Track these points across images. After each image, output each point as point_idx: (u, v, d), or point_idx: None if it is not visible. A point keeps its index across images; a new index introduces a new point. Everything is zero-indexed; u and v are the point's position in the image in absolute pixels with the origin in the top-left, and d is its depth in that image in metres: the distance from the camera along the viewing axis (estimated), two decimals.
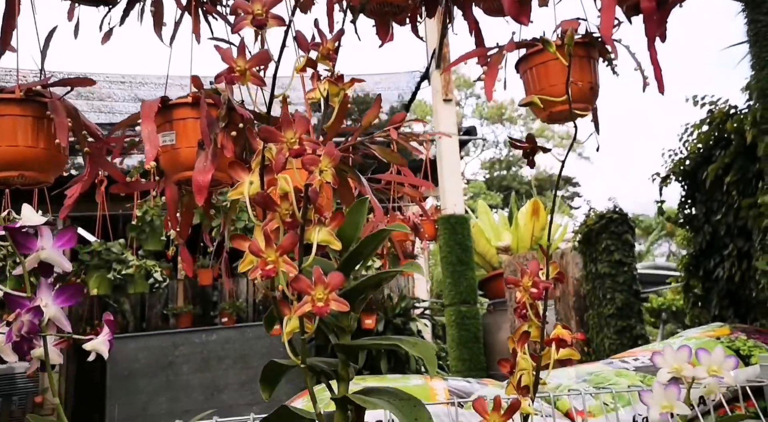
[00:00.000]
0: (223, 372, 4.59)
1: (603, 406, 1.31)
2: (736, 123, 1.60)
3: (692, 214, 1.98)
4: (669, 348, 1.05)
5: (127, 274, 3.22)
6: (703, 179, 1.82)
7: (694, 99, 1.80)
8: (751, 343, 1.41)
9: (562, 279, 0.83)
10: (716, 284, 1.88)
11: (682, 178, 1.97)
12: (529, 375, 0.76)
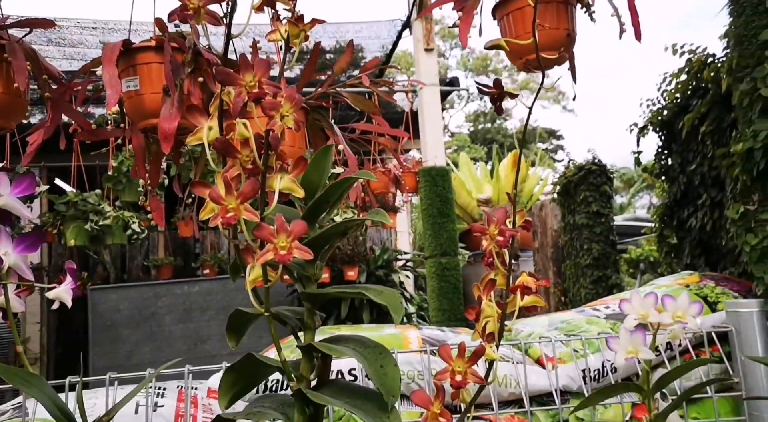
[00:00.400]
0: (206, 323, 4.63)
1: (573, 353, 1.33)
2: (713, 72, 1.59)
3: (668, 164, 1.98)
4: (636, 294, 1.06)
5: (105, 225, 3.19)
6: (679, 129, 1.82)
7: (673, 48, 1.78)
8: (718, 290, 1.44)
9: (528, 228, 0.83)
10: (689, 233, 1.91)
11: (659, 128, 1.97)
12: (494, 322, 0.77)
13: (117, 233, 3.30)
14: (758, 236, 1.34)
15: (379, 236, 6.48)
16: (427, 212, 3.88)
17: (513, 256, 2.62)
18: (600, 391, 1.11)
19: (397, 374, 0.72)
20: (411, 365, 1.29)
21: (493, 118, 22.70)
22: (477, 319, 0.76)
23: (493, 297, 0.77)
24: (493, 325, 0.76)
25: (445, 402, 0.78)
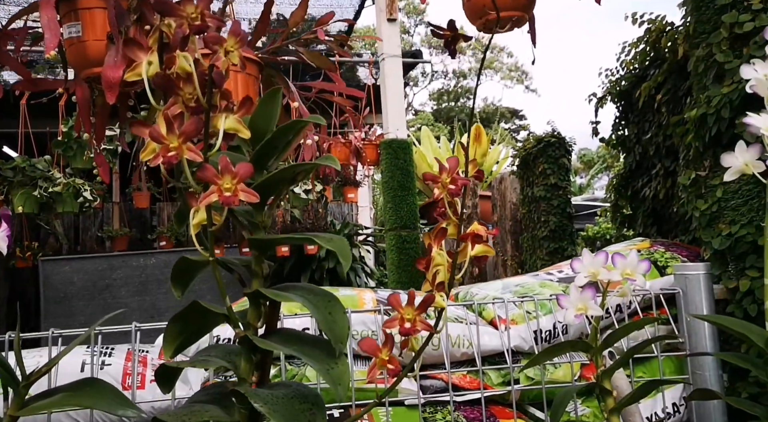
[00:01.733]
0: (163, 296, 4.55)
1: (525, 314, 1.35)
2: (671, 40, 1.60)
3: (625, 135, 2.01)
4: (587, 253, 1.07)
5: (55, 192, 3.07)
6: (636, 99, 1.84)
7: (633, 17, 1.78)
8: (668, 255, 1.47)
9: (480, 177, 0.82)
10: (643, 203, 1.94)
11: (617, 99, 1.99)
12: (444, 271, 0.76)
13: (68, 201, 3.19)
14: (708, 201, 1.37)
15: (340, 210, 6.45)
16: (388, 184, 3.87)
17: None
18: (549, 349, 1.12)
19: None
20: (365, 325, 1.28)
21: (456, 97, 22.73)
22: (427, 268, 0.76)
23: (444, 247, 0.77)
24: (443, 274, 0.76)
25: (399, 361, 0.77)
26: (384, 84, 3.80)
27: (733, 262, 1.32)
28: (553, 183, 2.74)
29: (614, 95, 1.99)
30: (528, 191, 2.90)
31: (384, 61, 3.72)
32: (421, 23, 21.61)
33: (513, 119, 22.78)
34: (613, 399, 1.07)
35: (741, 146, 1.03)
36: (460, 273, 0.78)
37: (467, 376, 1.29)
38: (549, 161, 2.74)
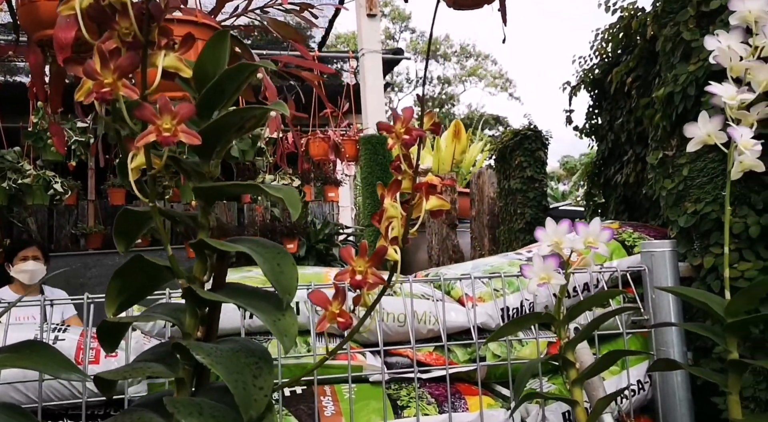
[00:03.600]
0: None
1: (493, 292, 1.33)
2: (641, 24, 1.61)
3: (598, 123, 2.01)
4: (550, 221, 1.06)
5: (24, 184, 3.01)
6: (609, 86, 1.84)
7: (606, 4, 1.79)
8: (636, 235, 1.47)
9: (438, 131, 0.80)
10: (615, 190, 1.94)
11: (591, 87, 1.99)
12: (398, 224, 0.74)
13: (38, 193, 3.12)
14: (674, 180, 1.37)
15: (321, 210, 6.42)
16: (367, 180, 3.86)
17: (451, 225, 2.64)
18: (513, 321, 1.11)
19: (295, 273, 0.69)
20: None
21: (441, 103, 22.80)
22: (380, 221, 0.74)
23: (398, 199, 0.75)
24: (398, 228, 0.74)
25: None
26: (363, 80, 3.79)
27: (698, 239, 1.32)
28: (529, 176, 2.74)
29: (588, 84, 1.99)
30: (505, 184, 2.90)
31: (364, 57, 3.71)
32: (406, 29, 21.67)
33: (497, 126, 22.91)
34: (576, 370, 1.05)
35: (704, 117, 1.02)
36: (414, 227, 0.76)
37: (433, 353, 1.27)
38: (525, 153, 2.74)
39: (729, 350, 0.93)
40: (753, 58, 0.97)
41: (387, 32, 20.36)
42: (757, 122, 1.00)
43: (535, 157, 2.75)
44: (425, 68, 0.79)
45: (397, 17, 21.16)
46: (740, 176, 1.30)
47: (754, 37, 0.98)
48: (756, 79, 0.97)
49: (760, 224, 1.22)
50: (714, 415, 1.25)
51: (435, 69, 22.72)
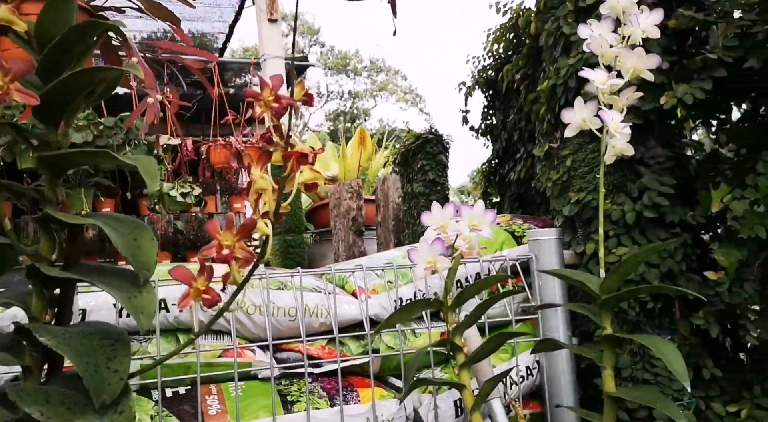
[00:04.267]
0: None
1: (387, 284, 1.32)
2: (527, 23, 1.67)
3: (492, 123, 2.07)
4: (436, 205, 1.06)
5: None
6: (501, 85, 1.89)
7: (497, 6, 1.85)
8: (525, 226, 1.51)
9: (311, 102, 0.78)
10: (509, 188, 2.00)
11: (485, 87, 2.04)
12: (270, 197, 0.71)
13: None
14: (559, 171, 1.41)
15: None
16: None
17: (357, 232, 2.60)
18: (402, 309, 1.09)
19: (153, 248, 0.64)
20: None
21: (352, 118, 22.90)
22: (248, 193, 0.70)
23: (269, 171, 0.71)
24: (269, 201, 0.70)
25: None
26: None
27: (581, 228, 1.37)
28: (431, 179, 2.77)
29: (482, 84, 2.04)
30: (408, 188, 2.92)
31: (265, 63, 3.65)
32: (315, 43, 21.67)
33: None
34: (464, 355, 1.05)
35: (579, 102, 1.06)
36: (287, 201, 0.73)
37: (326, 347, 1.23)
38: (427, 157, 2.77)
39: (603, 326, 0.95)
40: (622, 46, 1.02)
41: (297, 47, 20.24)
42: (626, 107, 1.05)
43: (436, 160, 2.79)
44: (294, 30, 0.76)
45: (306, 31, 21.12)
46: (617, 165, 1.36)
47: (623, 26, 1.03)
48: (624, 66, 1.01)
49: (636, 210, 1.28)
50: (597, 397, 1.30)
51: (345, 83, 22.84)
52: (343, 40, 39.52)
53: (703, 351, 1.31)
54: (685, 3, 1.27)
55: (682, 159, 1.36)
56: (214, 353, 1.15)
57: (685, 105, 1.25)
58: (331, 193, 3.68)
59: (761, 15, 1.16)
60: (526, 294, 1.38)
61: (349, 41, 38.48)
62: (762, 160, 1.18)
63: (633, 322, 1.28)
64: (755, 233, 1.21)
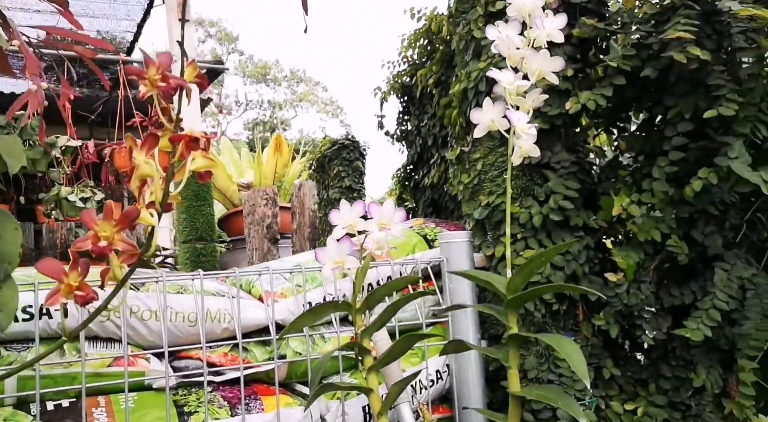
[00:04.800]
0: None
1: (295, 288, 1.27)
2: (439, 28, 1.68)
3: (407, 129, 2.07)
4: (345, 204, 1.03)
5: None
6: (416, 90, 1.90)
7: (411, 11, 1.85)
8: (437, 230, 1.51)
9: (204, 85, 0.73)
10: (423, 194, 2.00)
11: (400, 93, 2.04)
12: (158, 185, 0.65)
13: None
14: (470, 175, 1.42)
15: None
16: (182, 194, 3.62)
17: (272, 240, 2.51)
18: (309, 311, 1.05)
19: (17, 239, 0.57)
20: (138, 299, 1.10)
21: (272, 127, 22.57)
22: (130, 178, 0.64)
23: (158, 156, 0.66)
24: (157, 190, 0.65)
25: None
26: None
27: (491, 230, 1.38)
28: (347, 185, 2.74)
29: (397, 89, 2.04)
30: (323, 194, 2.88)
31: (175, 64, 3.50)
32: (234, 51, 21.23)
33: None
34: (372, 358, 1.03)
35: (488, 103, 1.06)
36: (177, 189, 0.68)
37: (229, 354, 1.17)
38: (344, 163, 2.75)
39: (509, 326, 0.95)
40: (528, 48, 1.03)
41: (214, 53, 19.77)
42: (533, 110, 1.06)
43: (353, 167, 2.77)
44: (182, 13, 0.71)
45: (224, 38, 20.67)
46: (525, 170, 1.39)
47: (529, 29, 1.04)
48: (530, 68, 1.03)
49: (542, 213, 1.30)
50: (505, 400, 1.30)
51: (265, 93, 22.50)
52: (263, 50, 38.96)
53: (604, 352, 1.35)
54: (588, 13, 1.31)
55: (586, 165, 1.40)
56: (103, 362, 1.06)
57: (588, 111, 1.29)
58: (246, 200, 3.57)
59: (656, 27, 1.22)
60: (437, 298, 1.38)
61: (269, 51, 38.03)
62: (657, 166, 1.23)
63: (539, 324, 1.29)
64: (651, 236, 1.26)
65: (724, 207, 1.26)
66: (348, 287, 1.32)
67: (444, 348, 1.01)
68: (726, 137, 1.14)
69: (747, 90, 1.13)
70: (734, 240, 1.28)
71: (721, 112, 1.10)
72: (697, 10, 1.14)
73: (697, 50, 1.11)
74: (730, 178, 1.14)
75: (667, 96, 1.23)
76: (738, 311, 1.21)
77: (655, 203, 1.25)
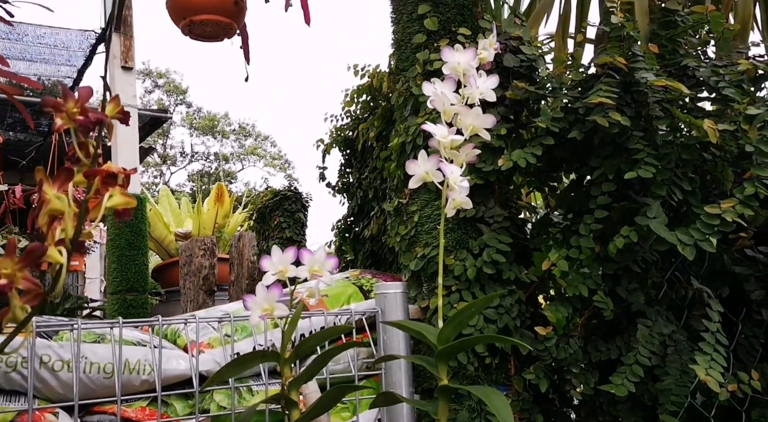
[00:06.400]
0: None
1: (223, 338, 1.23)
2: (381, 82, 1.73)
3: (349, 181, 2.08)
4: (276, 249, 1.01)
5: None
6: (357, 144, 1.93)
7: (354, 68, 1.90)
8: (374, 281, 1.50)
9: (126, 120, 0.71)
10: (363, 245, 2.00)
11: (342, 146, 2.07)
12: (70, 222, 0.63)
13: None
14: (407, 226, 1.43)
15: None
16: (114, 243, 3.50)
17: (208, 292, 2.44)
18: (235, 361, 1.01)
19: None
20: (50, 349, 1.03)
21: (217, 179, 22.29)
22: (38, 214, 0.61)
23: None
24: (69, 226, 0.62)
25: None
26: (114, 136, 3.52)
27: (426, 282, 1.38)
28: (288, 237, 2.72)
29: (339, 143, 2.07)
30: (264, 245, 2.85)
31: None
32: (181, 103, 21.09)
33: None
34: (299, 411, 0.99)
35: (423, 156, 1.08)
36: (92, 227, 0.65)
37: (147, 408, 1.10)
38: (285, 214, 2.73)
39: (440, 377, 0.94)
40: (462, 105, 1.06)
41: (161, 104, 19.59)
42: (466, 164, 1.08)
43: (294, 218, 2.76)
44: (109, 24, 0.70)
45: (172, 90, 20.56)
46: (460, 223, 1.41)
47: (463, 88, 1.08)
48: (464, 124, 1.06)
49: (476, 266, 1.32)
50: None
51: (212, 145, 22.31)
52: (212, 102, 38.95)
53: (535, 407, 1.34)
54: (521, 77, 1.38)
55: (519, 221, 1.43)
56: (4, 417, 0.98)
57: (520, 169, 1.33)
58: (182, 250, 3.48)
59: (582, 93, 1.29)
60: (371, 351, 1.35)
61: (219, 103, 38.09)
62: (583, 223, 1.27)
63: (472, 377, 1.29)
64: (579, 291, 1.29)
65: (645, 265, 1.31)
66: (277, 335, 1.29)
67: (374, 400, 0.99)
68: (645, 198, 1.20)
69: (663, 155, 1.19)
70: (656, 297, 1.33)
71: (640, 174, 1.16)
72: (618, 79, 1.21)
73: (618, 116, 1.17)
74: (650, 237, 1.19)
75: (593, 158, 1.29)
76: (659, 368, 1.24)
77: (583, 259, 1.29)
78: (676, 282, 1.32)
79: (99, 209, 0.64)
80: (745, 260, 1.31)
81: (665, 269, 1.32)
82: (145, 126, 4.63)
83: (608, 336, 1.33)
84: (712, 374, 1.05)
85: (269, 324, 1.27)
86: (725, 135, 1.16)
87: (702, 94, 1.39)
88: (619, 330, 1.32)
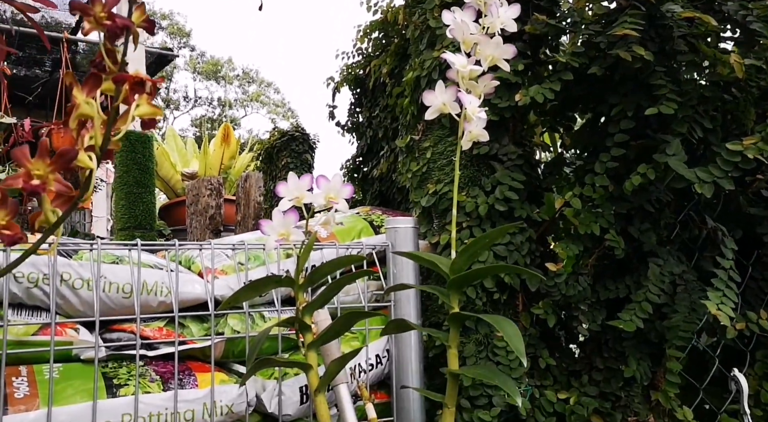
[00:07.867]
0: None
1: (237, 265, 1.25)
2: (395, 19, 1.69)
3: (359, 120, 2.07)
4: (292, 175, 1.01)
5: None
6: (368, 82, 1.90)
7: (367, 2, 1.86)
8: (384, 217, 1.51)
9: (151, 30, 0.71)
10: (372, 185, 2.00)
11: (353, 85, 2.04)
12: (99, 129, 0.63)
13: None
14: (419, 163, 1.43)
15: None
16: (122, 180, 3.51)
17: (215, 231, 2.44)
18: (250, 285, 1.03)
19: None
20: (35, 266, 1.05)
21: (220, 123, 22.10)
22: (69, 116, 0.61)
23: None
24: (98, 133, 0.62)
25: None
26: None
27: (437, 218, 1.39)
28: None
29: (350, 81, 2.04)
30: (271, 186, 2.85)
31: None
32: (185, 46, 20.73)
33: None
34: (312, 334, 1.01)
35: (440, 86, 1.07)
36: (119, 135, 0.65)
37: (164, 328, 1.13)
38: (292, 155, 2.73)
39: (451, 305, 0.96)
40: (482, 35, 1.05)
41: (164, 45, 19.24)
42: (483, 98, 1.07)
43: (302, 159, 2.75)
44: None
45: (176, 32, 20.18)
46: (473, 160, 1.40)
47: (484, 17, 1.06)
48: (483, 54, 1.04)
49: (488, 203, 1.32)
50: (442, 386, 1.31)
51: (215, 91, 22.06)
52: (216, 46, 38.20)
53: (541, 343, 1.37)
54: (540, 10, 1.35)
55: (532, 160, 1.43)
56: (27, 330, 1.01)
57: (536, 106, 1.32)
58: (189, 189, 3.49)
59: (604, 27, 1.26)
60: (380, 283, 1.37)
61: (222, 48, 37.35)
62: (599, 161, 1.27)
63: (480, 311, 1.31)
64: (591, 229, 1.29)
65: (659, 206, 1.32)
66: (291, 268, 1.31)
67: (385, 327, 1.01)
68: (665, 136, 1.19)
69: (685, 91, 1.18)
70: (668, 238, 1.34)
71: (661, 110, 1.14)
72: (643, 12, 1.18)
73: (641, 50, 1.15)
74: (667, 175, 1.18)
75: (612, 94, 1.28)
76: (668, 306, 1.26)
77: (596, 198, 1.29)
78: (689, 222, 1.33)
79: (127, 118, 0.64)
80: (761, 202, 1.31)
81: (679, 211, 1.32)
82: (151, 65, 4.57)
83: (617, 275, 1.34)
84: (723, 309, 1.07)
85: (282, 253, 1.29)
86: (751, 71, 1.14)
87: (725, 35, 1.36)
88: (629, 270, 1.33)
